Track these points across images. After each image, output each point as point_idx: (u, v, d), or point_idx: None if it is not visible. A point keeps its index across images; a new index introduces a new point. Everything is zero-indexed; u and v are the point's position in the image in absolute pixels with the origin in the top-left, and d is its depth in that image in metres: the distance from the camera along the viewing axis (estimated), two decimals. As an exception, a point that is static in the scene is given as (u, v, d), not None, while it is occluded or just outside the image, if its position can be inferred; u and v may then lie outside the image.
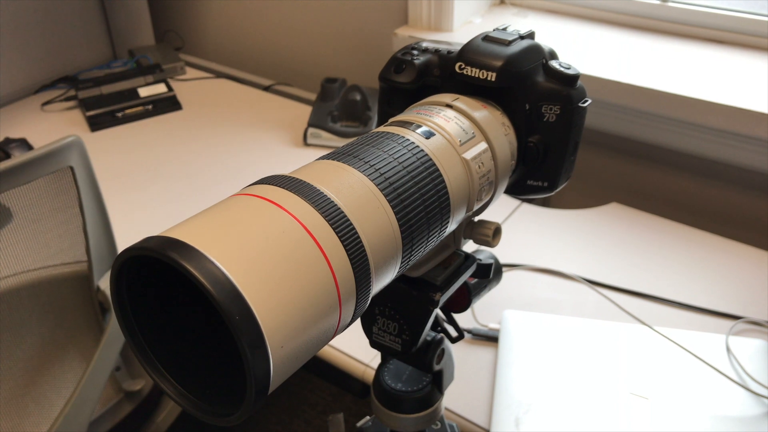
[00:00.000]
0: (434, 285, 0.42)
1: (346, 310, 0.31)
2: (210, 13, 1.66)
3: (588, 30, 1.24)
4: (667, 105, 1.03)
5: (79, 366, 0.95)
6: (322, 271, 0.29)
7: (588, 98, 0.44)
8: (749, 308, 0.89)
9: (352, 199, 0.32)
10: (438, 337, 0.46)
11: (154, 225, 1.05)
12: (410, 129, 0.38)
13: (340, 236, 0.30)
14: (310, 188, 0.32)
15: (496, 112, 0.42)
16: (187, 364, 0.31)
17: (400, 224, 0.34)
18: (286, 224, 0.29)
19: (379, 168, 0.35)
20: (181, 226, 0.28)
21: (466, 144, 0.39)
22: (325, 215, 0.30)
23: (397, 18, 1.33)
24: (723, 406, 0.76)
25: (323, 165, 0.34)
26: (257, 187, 0.32)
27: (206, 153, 1.25)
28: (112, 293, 0.29)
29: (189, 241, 0.27)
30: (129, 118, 1.35)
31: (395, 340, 0.44)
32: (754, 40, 1.14)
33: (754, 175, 1.07)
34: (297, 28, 1.53)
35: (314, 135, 1.25)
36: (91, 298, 0.93)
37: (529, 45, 0.43)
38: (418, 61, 0.45)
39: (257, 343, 0.26)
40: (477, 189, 0.39)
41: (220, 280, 0.25)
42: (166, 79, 1.42)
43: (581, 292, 0.93)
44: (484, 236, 0.43)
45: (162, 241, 0.27)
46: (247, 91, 1.48)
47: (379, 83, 0.47)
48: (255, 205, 0.30)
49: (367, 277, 0.31)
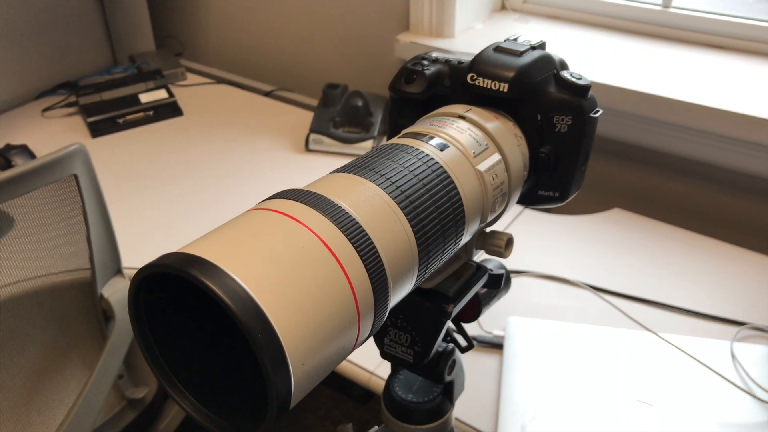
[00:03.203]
0: (447, 296, 0.42)
1: (364, 325, 0.31)
2: (210, 19, 1.66)
3: (589, 36, 1.24)
4: (670, 111, 1.04)
5: (82, 374, 0.95)
6: (342, 286, 0.29)
7: (599, 108, 0.44)
8: (753, 314, 0.89)
9: (369, 212, 0.32)
10: (449, 347, 0.46)
11: (156, 232, 1.05)
12: (424, 141, 0.38)
13: (358, 251, 0.30)
14: (327, 202, 0.31)
15: (509, 123, 0.42)
16: (206, 380, 0.31)
17: (416, 237, 0.34)
18: (306, 239, 0.29)
19: (395, 181, 0.35)
20: (199, 242, 0.28)
21: (480, 155, 0.39)
22: (344, 229, 0.30)
23: (399, 24, 1.33)
24: (728, 412, 0.76)
25: (339, 178, 0.34)
26: (273, 201, 0.31)
27: (207, 159, 1.25)
28: (130, 310, 0.29)
29: (209, 257, 0.26)
30: (130, 124, 1.34)
31: (407, 351, 0.44)
32: (755, 45, 1.14)
33: (757, 181, 1.07)
34: (298, 34, 1.53)
35: (316, 141, 1.25)
36: (94, 306, 0.93)
37: (540, 55, 0.43)
38: (429, 71, 0.45)
39: (279, 360, 0.25)
40: (491, 200, 0.38)
41: (242, 297, 0.25)
42: (166, 85, 1.42)
43: (585, 298, 0.93)
44: (496, 247, 0.43)
45: (181, 258, 0.27)
46: (248, 96, 1.48)
47: (389, 93, 0.47)
48: (273, 221, 0.30)
49: (385, 292, 0.31)
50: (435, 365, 0.45)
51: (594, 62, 1.14)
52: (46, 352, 0.91)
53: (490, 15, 1.34)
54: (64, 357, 0.94)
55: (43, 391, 0.92)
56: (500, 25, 1.31)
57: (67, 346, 0.94)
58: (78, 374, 0.95)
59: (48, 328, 0.91)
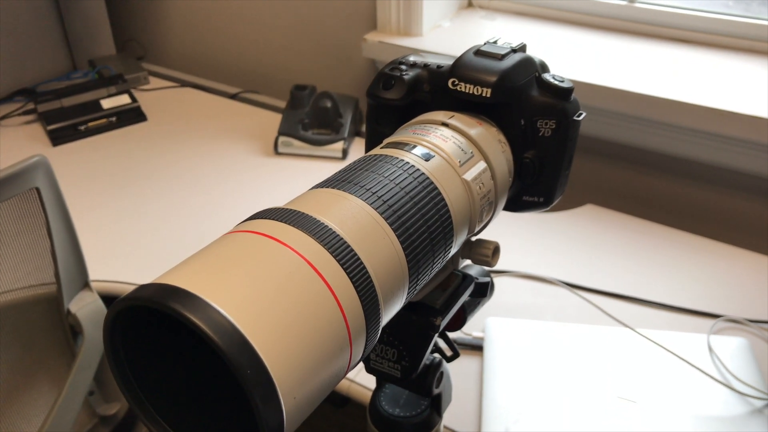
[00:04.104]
0: (434, 309, 0.41)
1: (356, 348, 0.29)
2: (172, 20, 1.63)
3: (556, 32, 1.24)
4: (638, 105, 1.04)
5: (50, 392, 0.92)
6: (331, 309, 0.28)
7: (582, 111, 0.43)
8: (727, 306, 0.89)
9: (356, 229, 0.31)
10: (436, 360, 0.45)
11: (123, 243, 1.02)
12: (407, 150, 0.37)
13: (346, 270, 0.29)
14: (310, 220, 0.30)
15: (492, 129, 0.41)
16: (189, 414, 0.29)
17: (405, 252, 0.32)
18: (291, 262, 0.27)
19: (380, 194, 0.33)
20: (176, 270, 0.26)
21: (466, 164, 0.37)
22: (330, 249, 0.29)
23: (366, 23, 1.31)
24: (708, 406, 0.76)
25: (321, 194, 0.33)
26: (253, 222, 0.30)
27: (174, 165, 1.22)
28: (106, 345, 0.27)
29: (189, 287, 0.25)
30: (92, 131, 1.30)
31: (394, 366, 0.42)
32: (720, 39, 1.15)
33: (725, 173, 1.08)
34: (264, 34, 1.50)
35: (285, 144, 1.23)
36: (61, 321, 0.90)
37: (522, 58, 0.42)
38: (408, 76, 0.44)
39: (270, 396, 0.24)
40: (478, 210, 0.37)
41: (228, 331, 0.24)
42: (129, 90, 1.38)
43: (562, 296, 0.92)
44: (483, 256, 0.42)
45: (159, 290, 0.25)
46: (214, 99, 1.45)
47: (366, 100, 0.46)
48: (254, 243, 0.28)
49: (376, 311, 0.30)
50: (423, 379, 0.44)
51: (561, 58, 1.14)
52: (12, 371, 0.88)
53: (457, 13, 1.34)
54: (31, 376, 0.91)
55: (9, 412, 0.88)
56: (468, 22, 1.31)
57: (33, 365, 0.91)
58: (46, 393, 0.92)
59: (12, 347, 0.87)
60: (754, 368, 0.80)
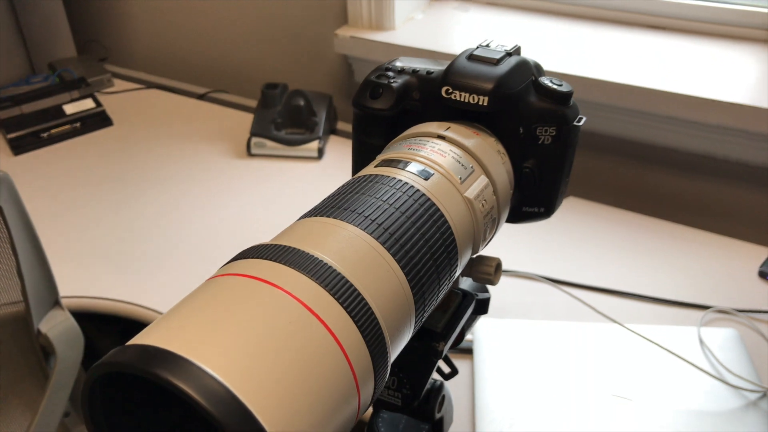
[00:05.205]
0: (435, 333, 0.38)
1: (365, 393, 0.27)
2: (135, 20, 1.57)
3: (528, 21, 1.22)
4: (614, 94, 1.03)
5: (24, 416, 0.87)
6: (336, 359, 0.25)
7: (582, 116, 0.41)
8: (716, 297, 0.89)
9: (354, 261, 0.28)
10: (437, 383, 0.42)
11: (93, 255, 0.98)
12: (403, 168, 0.34)
13: (348, 310, 0.26)
14: (304, 256, 0.27)
15: (490, 139, 0.39)
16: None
17: (409, 281, 0.30)
18: (288, 309, 0.25)
19: (377, 219, 0.30)
20: (160, 327, 0.23)
21: (467, 180, 0.35)
22: (330, 289, 0.26)
23: (337, 18, 1.28)
24: (704, 401, 0.75)
25: (311, 224, 0.30)
26: (240, 263, 0.27)
27: (143, 171, 1.17)
28: (85, 413, 0.24)
29: (175, 348, 0.22)
30: (55, 139, 1.25)
31: (394, 394, 0.40)
32: (697, 25, 1.14)
33: (707, 161, 1.07)
34: (231, 32, 1.45)
35: (258, 145, 1.20)
36: (31, 342, 0.85)
37: (517, 62, 0.39)
38: (396, 84, 0.41)
39: (275, 468, 0.21)
40: (482, 229, 0.35)
41: (224, 399, 0.21)
42: (93, 94, 1.33)
43: (548, 293, 0.91)
44: (485, 274, 0.39)
45: (141, 353, 0.22)
46: (182, 101, 1.40)
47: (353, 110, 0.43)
48: (245, 289, 0.25)
49: (383, 352, 0.27)
50: (425, 404, 0.41)
51: (535, 48, 1.12)
52: (-19, 397, 0.84)
53: (429, 4, 1.31)
54: (2, 400, 0.87)
55: (-19, 440, 0.84)
56: (441, 14, 1.28)
57: (4, 389, 0.87)
58: (19, 418, 0.88)
59: (-19, 371, 0.83)
60: (745, 360, 0.79)
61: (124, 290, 0.92)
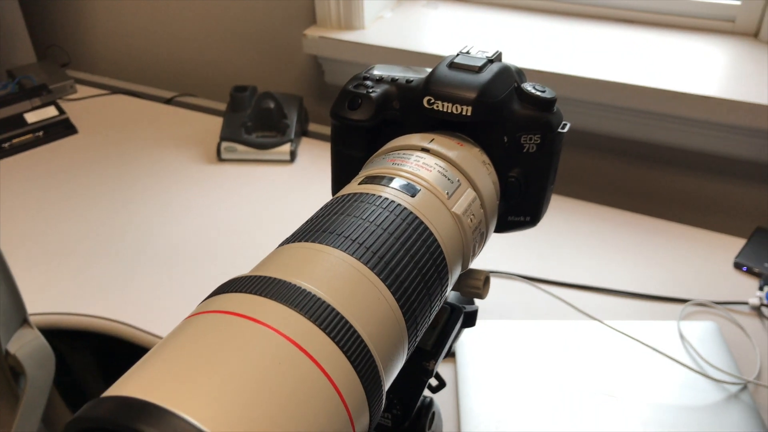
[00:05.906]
0: (425, 351, 0.37)
1: (359, 427, 0.25)
2: (97, 23, 1.53)
3: (500, 18, 1.22)
4: (586, 89, 1.03)
5: (-6, 440, 0.85)
6: (327, 396, 0.24)
7: (567, 122, 0.40)
8: (695, 290, 0.89)
9: (341, 288, 0.27)
10: (427, 400, 0.41)
11: (61, 269, 0.95)
12: (387, 185, 0.33)
13: (339, 344, 0.25)
14: (287, 287, 0.26)
15: (474, 150, 0.38)
16: None
17: (400, 305, 0.29)
18: (274, 346, 0.23)
19: (363, 240, 0.29)
20: (138, 375, 0.22)
21: (454, 195, 0.34)
22: (317, 321, 0.25)
23: (305, 18, 1.26)
24: (686, 395, 0.75)
25: (294, 251, 0.28)
26: (219, 299, 0.25)
27: (110, 180, 1.14)
28: (62, 469, 0.22)
29: (156, 399, 0.20)
30: (17, 149, 1.21)
31: (385, 415, 0.39)
32: (664, 18, 1.15)
33: (679, 153, 1.08)
34: (197, 34, 1.42)
35: (229, 149, 1.17)
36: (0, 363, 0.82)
37: (500, 69, 0.38)
38: (375, 93, 0.40)
39: None
40: (471, 244, 0.34)
41: (215, 453, 0.19)
42: (55, 101, 1.29)
43: (527, 292, 0.90)
44: (474, 288, 0.38)
45: (120, 406, 0.20)
46: (148, 106, 1.37)
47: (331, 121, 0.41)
48: (227, 327, 0.24)
49: (377, 384, 0.26)
50: (415, 423, 0.40)
51: (506, 45, 1.11)
52: (-51, 422, 0.80)
53: (398, 2, 1.29)
54: (-29, 425, 0.83)
55: (-50, 466, 0.81)
56: (410, 12, 1.27)
57: (-28, 413, 0.83)
58: (-11, 441, 0.85)
59: (-53, 396, 0.80)
60: (725, 352, 0.80)
61: (94, 304, 0.90)
